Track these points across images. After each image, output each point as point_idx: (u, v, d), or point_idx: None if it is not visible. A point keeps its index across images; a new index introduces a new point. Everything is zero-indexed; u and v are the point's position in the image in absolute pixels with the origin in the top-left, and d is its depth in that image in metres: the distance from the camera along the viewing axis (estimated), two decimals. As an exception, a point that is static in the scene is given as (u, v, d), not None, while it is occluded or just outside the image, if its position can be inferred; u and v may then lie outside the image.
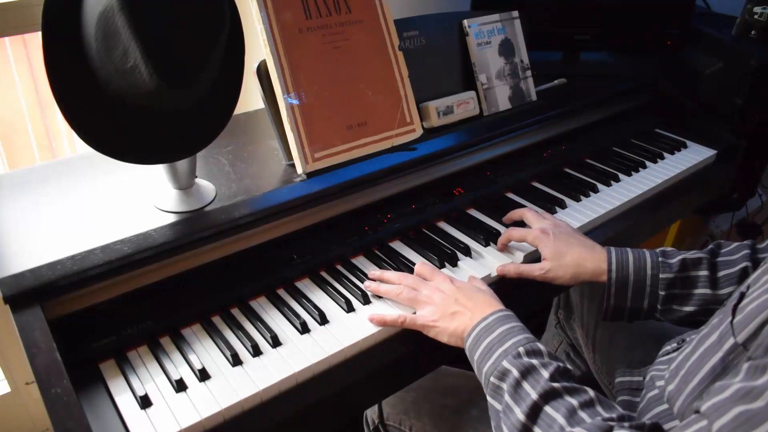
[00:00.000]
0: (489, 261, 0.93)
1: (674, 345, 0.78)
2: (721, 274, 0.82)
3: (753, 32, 1.34)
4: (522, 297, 0.92)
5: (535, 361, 0.65)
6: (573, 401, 0.60)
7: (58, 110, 0.71)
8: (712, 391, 0.50)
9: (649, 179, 1.19)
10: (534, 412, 0.61)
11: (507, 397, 0.64)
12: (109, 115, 0.73)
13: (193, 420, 0.66)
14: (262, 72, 0.91)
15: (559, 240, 0.89)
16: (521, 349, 0.66)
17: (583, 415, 0.59)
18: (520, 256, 0.94)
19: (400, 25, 1.04)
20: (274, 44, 0.89)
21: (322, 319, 0.80)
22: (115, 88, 0.70)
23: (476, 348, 0.71)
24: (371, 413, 1.03)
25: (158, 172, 0.87)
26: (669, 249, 0.86)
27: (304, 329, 0.78)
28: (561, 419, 0.59)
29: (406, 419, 0.96)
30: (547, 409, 0.60)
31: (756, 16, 1.33)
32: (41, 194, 0.88)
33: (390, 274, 0.86)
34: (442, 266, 0.91)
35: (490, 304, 0.76)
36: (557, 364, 0.65)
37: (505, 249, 0.96)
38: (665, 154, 1.29)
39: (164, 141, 0.77)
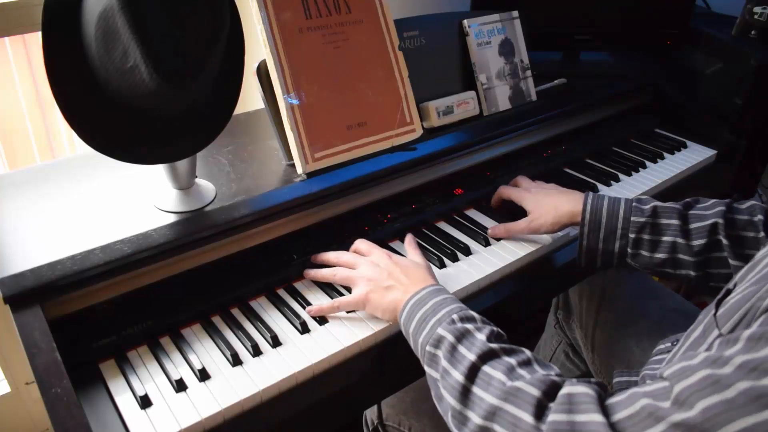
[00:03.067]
0: (489, 261, 0.93)
1: (668, 345, 0.78)
2: (692, 226, 0.83)
3: (753, 32, 1.34)
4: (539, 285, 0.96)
5: (469, 326, 0.66)
6: (511, 360, 0.61)
7: (58, 110, 0.71)
8: (676, 359, 0.50)
9: (649, 179, 1.19)
10: (472, 373, 0.61)
11: (443, 362, 0.64)
12: (109, 115, 0.73)
13: (193, 420, 0.66)
14: (262, 72, 0.91)
15: (539, 193, 0.97)
16: (455, 316, 0.67)
17: (521, 371, 0.59)
18: (518, 254, 0.94)
19: (400, 25, 1.04)
20: (274, 44, 0.89)
21: (322, 319, 0.80)
22: (115, 88, 0.70)
23: (411, 321, 0.71)
24: (370, 413, 1.03)
25: (158, 172, 0.87)
26: (645, 197, 0.89)
27: (304, 329, 0.78)
28: (500, 375, 0.59)
29: (406, 419, 0.96)
30: (485, 368, 0.61)
31: (756, 16, 1.33)
32: (41, 194, 0.88)
33: (328, 256, 0.86)
34: (442, 266, 0.91)
35: (424, 279, 0.77)
36: (491, 328, 0.66)
37: (497, 206, 1.06)
38: (665, 154, 1.29)
39: (164, 141, 0.77)
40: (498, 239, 0.98)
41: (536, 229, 0.94)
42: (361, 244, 0.86)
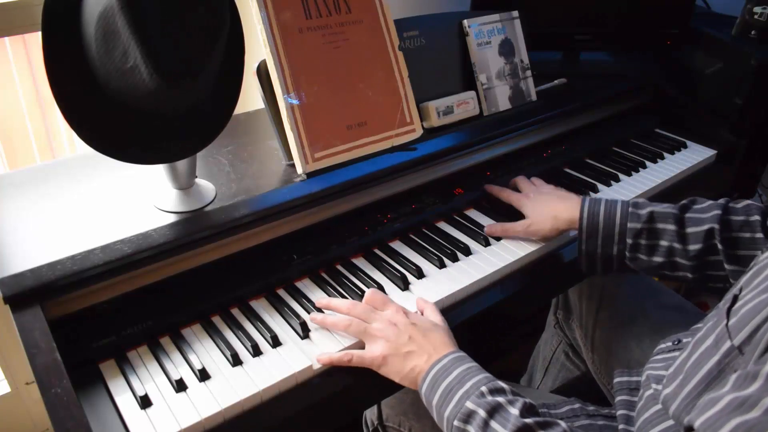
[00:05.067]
0: (489, 261, 0.93)
1: (669, 344, 0.78)
2: (689, 230, 0.83)
3: (753, 32, 1.34)
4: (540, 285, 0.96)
5: (500, 399, 0.63)
6: None
7: (58, 110, 0.71)
8: (701, 405, 0.50)
9: (649, 179, 1.19)
10: None
11: None
12: (109, 115, 0.73)
13: (193, 420, 0.66)
14: (262, 72, 0.91)
15: (537, 198, 0.98)
16: (484, 388, 0.64)
17: None
18: (518, 254, 0.94)
19: (400, 25, 1.04)
20: (274, 44, 0.89)
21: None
22: (115, 88, 0.70)
23: (434, 391, 0.68)
24: (370, 414, 1.03)
25: (158, 172, 0.87)
26: (641, 200, 0.89)
27: (304, 330, 0.78)
28: None
29: (406, 420, 0.96)
30: None
31: (756, 16, 1.33)
32: (41, 194, 0.88)
33: (338, 303, 0.80)
34: (442, 266, 0.91)
35: (445, 344, 0.73)
36: (523, 401, 0.64)
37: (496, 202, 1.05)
38: (665, 154, 1.29)
39: (164, 141, 0.77)
40: (497, 238, 0.98)
41: (533, 234, 0.96)
42: (375, 294, 0.80)
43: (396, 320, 0.76)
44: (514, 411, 0.62)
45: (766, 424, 0.43)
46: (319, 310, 0.82)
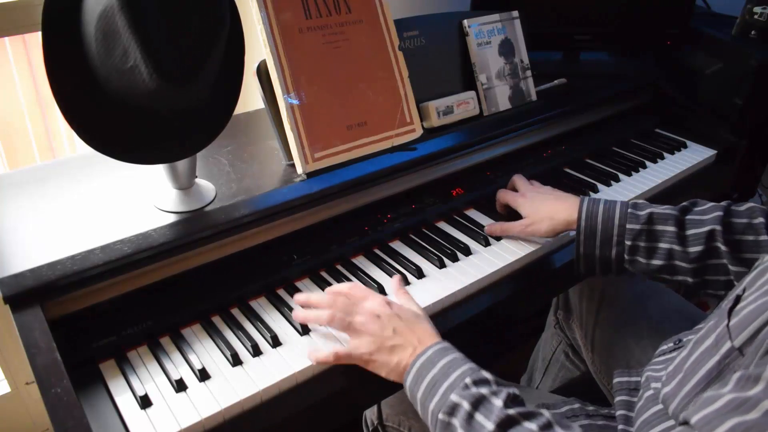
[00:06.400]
0: (489, 261, 0.93)
1: (670, 345, 0.78)
2: (689, 232, 0.82)
3: (753, 32, 1.34)
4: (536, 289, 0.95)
5: (484, 390, 0.62)
6: (532, 426, 0.59)
7: (58, 110, 0.71)
8: (700, 402, 0.50)
9: (649, 179, 1.19)
10: None
11: None
12: (109, 115, 0.73)
13: (193, 420, 0.66)
14: (262, 72, 0.91)
15: (535, 198, 0.97)
16: (468, 380, 0.63)
17: None
18: (518, 254, 0.94)
19: (400, 25, 1.04)
20: (274, 44, 0.89)
21: (322, 319, 0.80)
22: (115, 88, 0.70)
23: (419, 385, 0.67)
24: (370, 414, 1.03)
25: (158, 172, 0.87)
26: (641, 201, 0.88)
27: (304, 329, 0.78)
28: None
29: (405, 420, 0.96)
30: None
31: (756, 16, 1.33)
32: (41, 194, 0.88)
33: (318, 298, 0.78)
34: (442, 266, 0.91)
35: (430, 335, 0.72)
36: (507, 391, 0.63)
37: (503, 209, 1.04)
38: (665, 154, 1.29)
39: (164, 141, 0.77)
40: (497, 238, 0.98)
41: (531, 234, 0.95)
42: (355, 288, 0.78)
43: (379, 312, 0.74)
44: (498, 402, 0.61)
45: (765, 426, 0.44)
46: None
